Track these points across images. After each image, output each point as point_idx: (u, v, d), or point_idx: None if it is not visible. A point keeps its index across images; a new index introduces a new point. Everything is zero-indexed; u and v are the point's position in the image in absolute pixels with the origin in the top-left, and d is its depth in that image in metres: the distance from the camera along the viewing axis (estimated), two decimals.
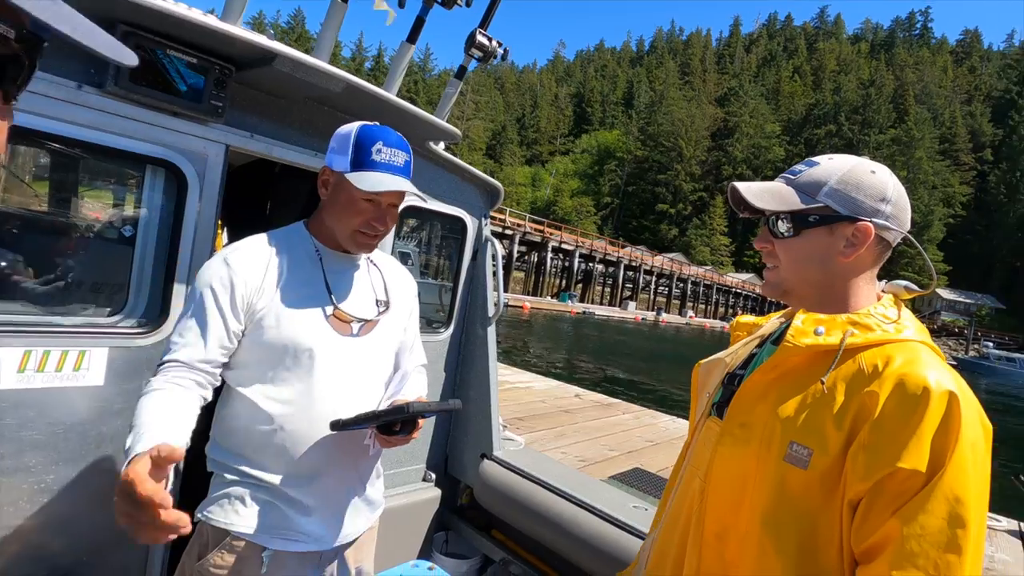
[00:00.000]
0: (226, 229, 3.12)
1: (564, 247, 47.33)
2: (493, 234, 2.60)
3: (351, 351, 1.33)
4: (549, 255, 45.95)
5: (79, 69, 1.44)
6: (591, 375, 15.33)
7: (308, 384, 1.27)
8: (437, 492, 2.52)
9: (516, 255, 42.86)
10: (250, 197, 2.77)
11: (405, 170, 1.31)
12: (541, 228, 46.59)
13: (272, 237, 1.34)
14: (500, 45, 2.34)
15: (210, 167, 1.70)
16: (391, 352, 1.45)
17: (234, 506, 1.26)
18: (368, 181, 1.25)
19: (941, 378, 0.83)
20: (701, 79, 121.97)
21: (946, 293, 79.33)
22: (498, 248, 2.58)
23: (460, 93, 2.45)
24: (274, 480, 1.26)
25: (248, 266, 1.26)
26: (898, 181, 0.97)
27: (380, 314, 1.40)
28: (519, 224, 43.62)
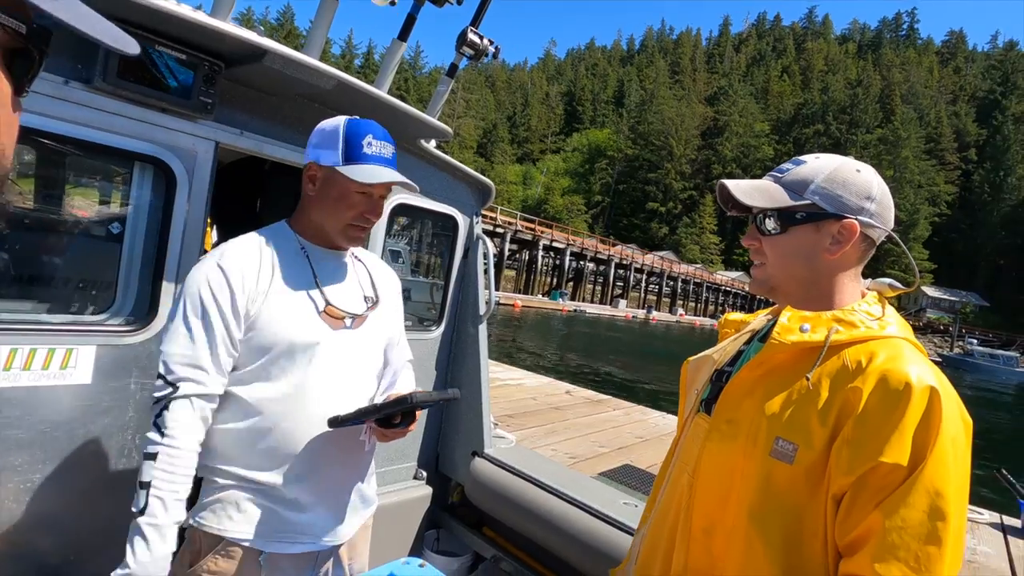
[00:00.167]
0: (215, 227, 3.09)
1: (555, 245, 47.35)
2: (484, 232, 2.60)
3: (346, 345, 1.33)
4: (540, 253, 45.91)
5: (66, 64, 1.42)
6: (582, 372, 15.37)
7: (302, 381, 1.27)
8: (428, 490, 2.52)
9: (507, 253, 42.82)
10: (240, 194, 2.75)
11: (393, 162, 1.34)
12: (532, 226, 46.58)
13: (260, 237, 1.33)
14: (491, 43, 2.34)
15: (199, 164, 1.68)
16: (381, 346, 1.46)
17: (227, 511, 1.25)
18: (364, 174, 1.26)
19: (923, 374, 0.84)
20: (691, 78, 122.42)
21: (931, 290, 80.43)
22: (489, 246, 2.59)
23: (451, 91, 2.45)
24: (269, 481, 1.25)
25: (243, 271, 1.25)
26: (882, 180, 0.99)
27: (369, 309, 1.41)
28: (510, 222, 43.58)
